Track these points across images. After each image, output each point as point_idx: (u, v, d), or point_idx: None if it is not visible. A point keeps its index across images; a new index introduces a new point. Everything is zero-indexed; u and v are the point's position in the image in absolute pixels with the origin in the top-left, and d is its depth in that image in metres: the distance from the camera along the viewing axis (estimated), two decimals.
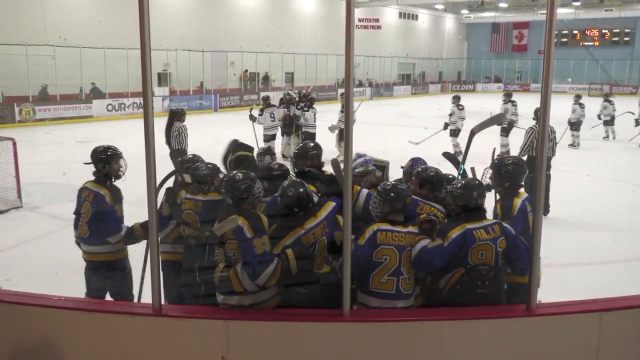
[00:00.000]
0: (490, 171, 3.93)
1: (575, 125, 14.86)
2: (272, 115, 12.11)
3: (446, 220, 3.54)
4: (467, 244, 3.28)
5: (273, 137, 12.19)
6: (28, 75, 19.61)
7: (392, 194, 3.40)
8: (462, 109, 13.67)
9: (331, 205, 3.52)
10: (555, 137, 9.10)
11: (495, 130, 12.95)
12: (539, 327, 3.27)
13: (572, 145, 14.83)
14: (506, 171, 3.82)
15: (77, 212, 4.37)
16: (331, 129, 12.63)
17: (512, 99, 14.03)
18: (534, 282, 3.24)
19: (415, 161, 4.30)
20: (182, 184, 4.24)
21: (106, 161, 4.29)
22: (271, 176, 3.89)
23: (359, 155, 4.24)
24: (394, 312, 3.37)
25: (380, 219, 3.40)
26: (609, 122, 16.16)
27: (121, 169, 4.29)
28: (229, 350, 3.13)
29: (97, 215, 4.20)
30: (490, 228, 3.36)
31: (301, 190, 3.37)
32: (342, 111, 13.09)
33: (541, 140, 3.16)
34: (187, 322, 3.20)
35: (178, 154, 8.23)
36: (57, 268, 6.00)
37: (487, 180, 3.90)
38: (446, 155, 4.63)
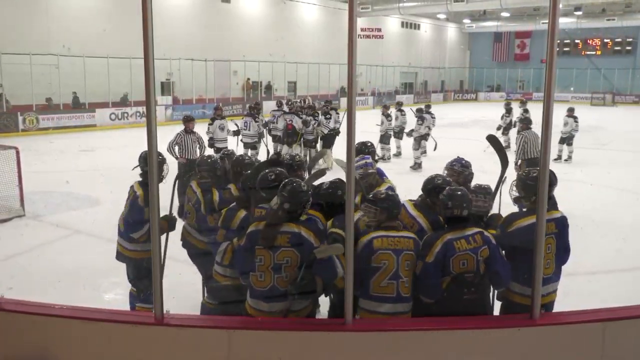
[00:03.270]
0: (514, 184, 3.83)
1: (567, 139, 13.97)
2: (246, 124, 11.87)
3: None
4: (447, 254, 3.33)
5: (250, 145, 11.87)
6: (32, 85, 19.70)
7: (388, 202, 3.46)
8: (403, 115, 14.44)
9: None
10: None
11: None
12: (542, 337, 3.26)
13: (565, 160, 13.91)
14: (532, 185, 3.59)
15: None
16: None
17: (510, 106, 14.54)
18: (537, 292, 3.23)
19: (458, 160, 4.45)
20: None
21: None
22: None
23: (362, 158, 4.36)
24: (397, 322, 3.37)
25: (375, 228, 3.43)
26: (566, 140, 14.06)
27: (162, 173, 4.45)
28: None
29: (129, 213, 4.58)
30: (472, 238, 3.39)
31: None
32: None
33: (544, 150, 3.15)
34: (189, 331, 3.19)
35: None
36: (60, 277, 6.00)
37: (514, 194, 3.83)
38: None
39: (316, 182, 4.06)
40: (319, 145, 12.73)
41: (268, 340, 3.17)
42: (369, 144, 4.93)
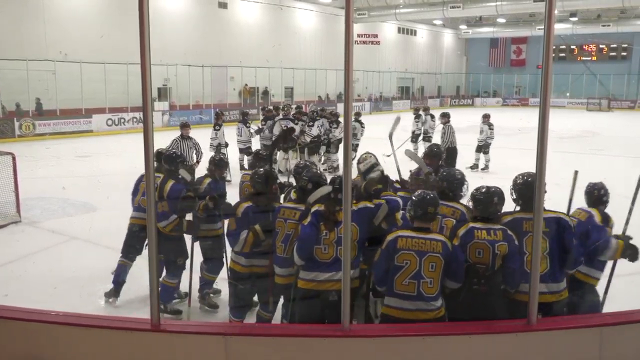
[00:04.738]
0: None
1: (484, 147, 13.39)
2: (239, 130, 12.25)
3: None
4: (467, 239, 3.53)
5: (244, 150, 12.19)
6: (28, 90, 19.70)
7: (424, 198, 3.60)
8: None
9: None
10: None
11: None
12: (539, 342, 3.25)
13: (482, 169, 13.25)
14: (522, 188, 3.74)
15: None
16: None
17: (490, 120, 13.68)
18: (534, 298, 3.23)
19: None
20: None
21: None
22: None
23: (368, 154, 4.79)
24: (394, 328, 3.37)
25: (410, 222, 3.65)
26: (482, 149, 13.48)
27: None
28: None
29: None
30: (493, 231, 3.54)
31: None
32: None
33: (540, 157, 3.15)
34: (186, 337, 3.18)
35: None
36: (56, 283, 5.98)
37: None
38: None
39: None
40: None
41: (265, 346, 3.16)
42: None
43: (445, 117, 12.68)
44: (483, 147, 13.38)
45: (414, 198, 3.63)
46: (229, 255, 4.69)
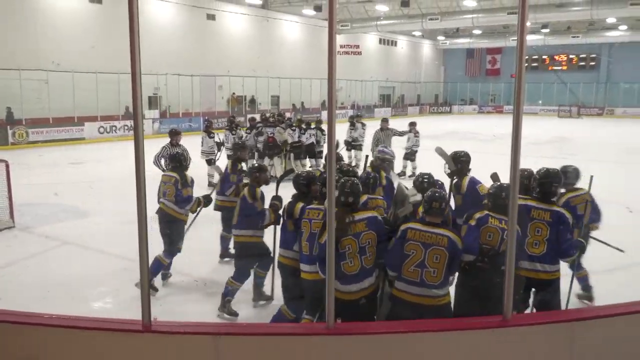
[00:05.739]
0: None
1: (410, 155, 13.05)
2: (227, 137, 12.00)
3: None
4: (481, 222, 3.95)
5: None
6: (21, 99, 19.46)
7: (431, 194, 3.86)
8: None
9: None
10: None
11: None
12: (514, 338, 3.27)
13: (410, 176, 12.42)
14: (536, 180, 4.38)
15: None
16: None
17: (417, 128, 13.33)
18: (509, 293, 3.25)
19: None
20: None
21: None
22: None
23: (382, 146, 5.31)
24: (376, 325, 3.38)
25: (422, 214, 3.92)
26: (409, 156, 13.11)
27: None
28: None
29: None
30: (504, 222, 3.88)
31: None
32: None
33: (513, 162, 3.18)
34: (176, 337, 3.15)
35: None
36: (49, 287, 5.90)
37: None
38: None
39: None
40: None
41: (254, 345, 3.14)
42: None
43: (385, 122, 12.82)
44: (409, 155, 13.06)
45: (426, 195, 3.90)
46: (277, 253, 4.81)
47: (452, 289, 4.01)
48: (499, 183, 4.25)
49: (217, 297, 5.74)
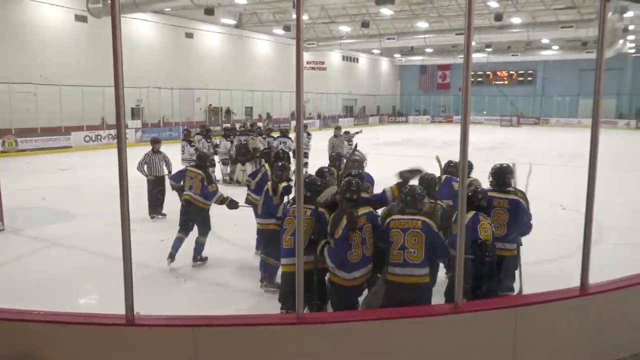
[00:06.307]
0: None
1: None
2: (201, 144, 11.79)
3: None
4: (475, 222, 4.11)
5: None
6: (11, 111, 18.85)
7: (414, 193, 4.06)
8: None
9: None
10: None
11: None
12: (465, 323, 3.32)
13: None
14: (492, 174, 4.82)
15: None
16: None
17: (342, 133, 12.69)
18: (459, 283, 3.29)
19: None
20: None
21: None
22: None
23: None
24: (342, 315, 3.38)
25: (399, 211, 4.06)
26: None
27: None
28: (197, 356, 3.04)
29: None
30: (488, 217, 4.31)
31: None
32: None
33: (462, 165, 3.23)
34: (157, 330, 3.09)
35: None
36: (38, 285, 5.73)
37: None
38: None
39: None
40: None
41: (229, 336, 3.11)
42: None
43: (338, 129, 12.59)
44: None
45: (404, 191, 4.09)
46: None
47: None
48: (475, 188, 4.52)
49: (196, 291, 5.68)
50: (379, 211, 4.43)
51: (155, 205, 8.73)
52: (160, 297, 5.38)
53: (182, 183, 6.58)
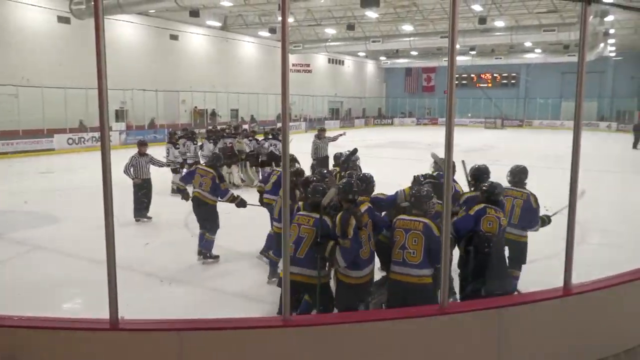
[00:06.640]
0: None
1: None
2: (186, 146, 11.69)
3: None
4: (480, 214, 4.27)
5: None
6: None
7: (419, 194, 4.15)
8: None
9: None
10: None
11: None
12: (451, 323, 3.34)
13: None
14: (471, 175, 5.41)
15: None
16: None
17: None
18: (445, 284, 3.31)
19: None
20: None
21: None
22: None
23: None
24: (328, 317, 3.37)
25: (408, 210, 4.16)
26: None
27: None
28: (183, 359, 3.02)
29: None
30: (500, 212, 4.43)
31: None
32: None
33: (447, 166, 3.25)
34: (142, 334, 3.06)
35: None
36: (21, 290, 5.62)
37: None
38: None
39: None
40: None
41: (214, 339, 3.09)
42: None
43: (322, 131, 12.35)
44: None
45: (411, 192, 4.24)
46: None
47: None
48: (491, 182, 4.70)
49: (181, 295, 5.62)
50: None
51: (140, 209, 8.65)
52: (145, 301, 5.32)
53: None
